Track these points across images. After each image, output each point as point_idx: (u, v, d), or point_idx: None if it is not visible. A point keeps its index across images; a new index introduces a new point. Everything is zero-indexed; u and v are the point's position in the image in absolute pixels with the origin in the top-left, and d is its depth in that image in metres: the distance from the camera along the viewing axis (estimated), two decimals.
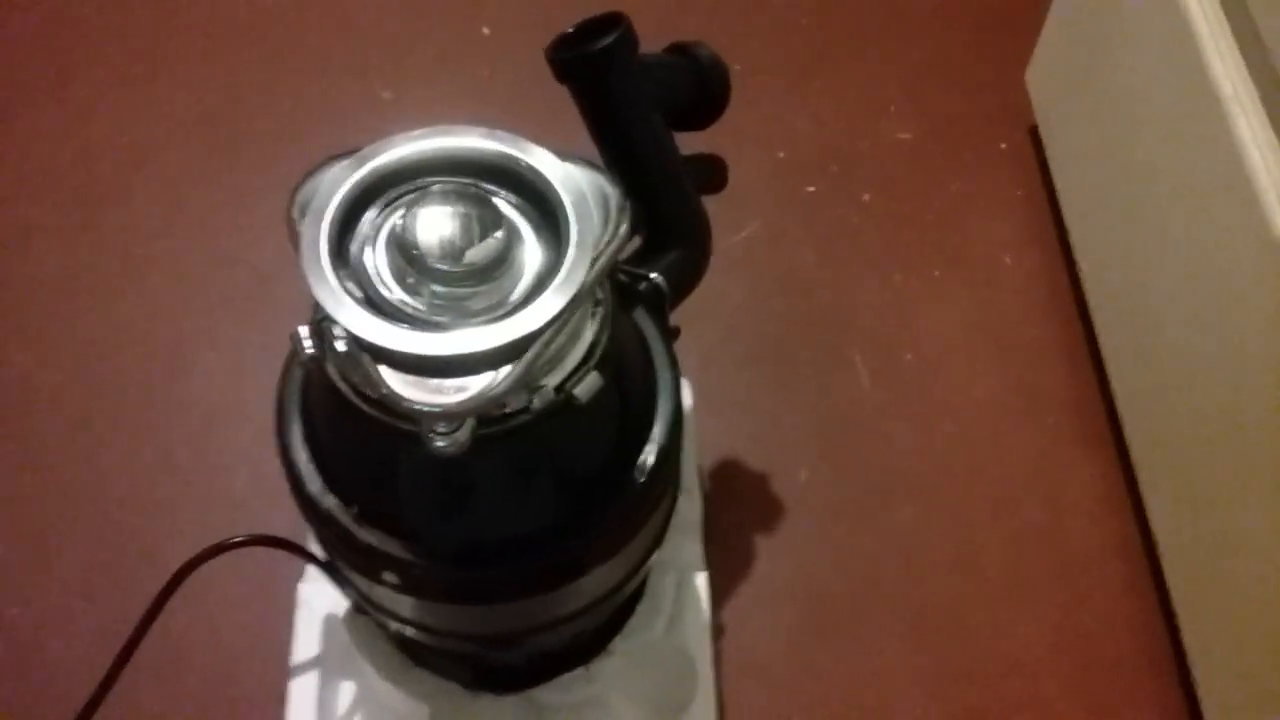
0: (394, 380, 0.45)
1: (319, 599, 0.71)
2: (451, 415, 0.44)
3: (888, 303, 0.92)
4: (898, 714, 0.75)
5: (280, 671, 0.71)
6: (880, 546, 0.81)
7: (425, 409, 0.44)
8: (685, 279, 0.65)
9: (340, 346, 0.46)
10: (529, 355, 0.44)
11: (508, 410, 0.47)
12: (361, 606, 0.66)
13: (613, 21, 0.58)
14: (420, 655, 0.69)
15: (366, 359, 0.45)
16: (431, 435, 0.44)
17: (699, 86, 0.65)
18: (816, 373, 0.89)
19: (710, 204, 0.67)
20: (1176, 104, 0.71)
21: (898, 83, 1.04)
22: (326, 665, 0.70)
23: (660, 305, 0.61)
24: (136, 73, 1.04)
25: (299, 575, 0.73)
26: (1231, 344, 0.65)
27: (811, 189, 0.98)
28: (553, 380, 0.47)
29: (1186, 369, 0.71)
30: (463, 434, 0.44)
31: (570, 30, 0.59)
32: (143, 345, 0.90)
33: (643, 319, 0.59)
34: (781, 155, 1.00)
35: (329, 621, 0.71)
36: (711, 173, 0.68)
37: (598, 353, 0.49)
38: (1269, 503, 0.62)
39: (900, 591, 0.80)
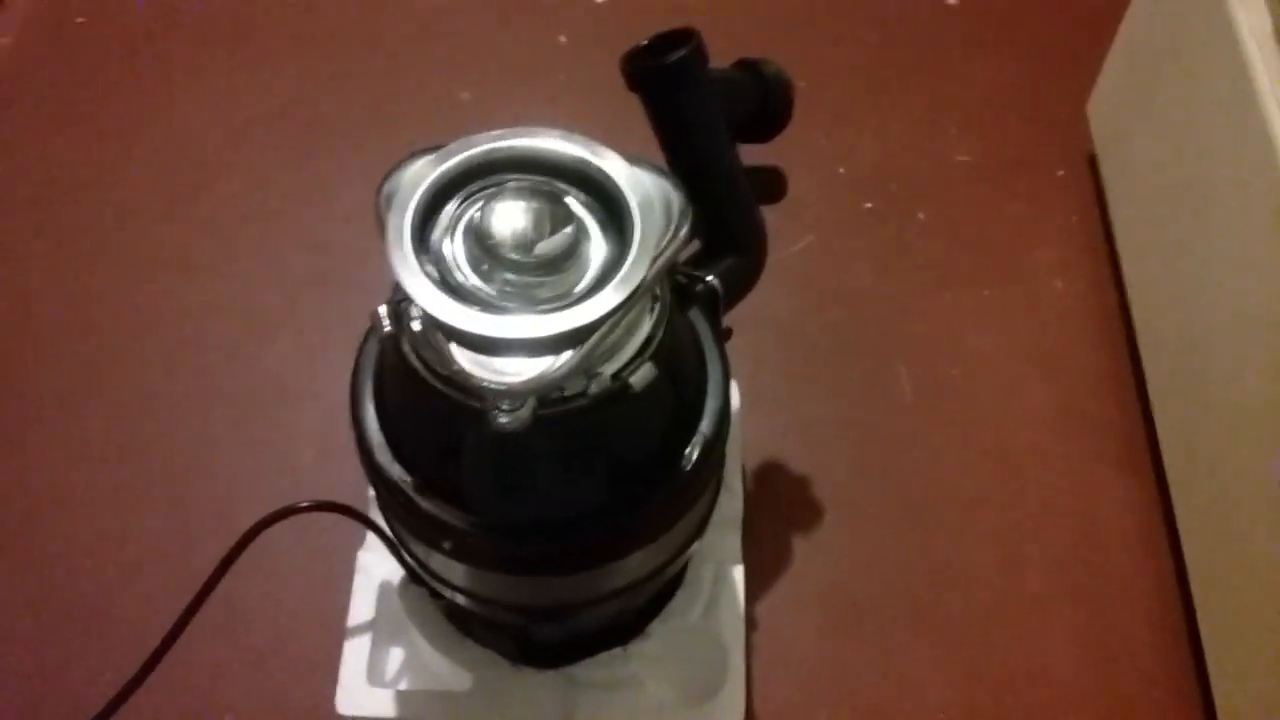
0: (463, 359, 0.48)
1: (377, 567, 0.75)
2: (515, 394, 0.47)
3: (937, 319, 0.94)
4: (920, 713, 0.77)
5: (335, 634, 0.75)
6: (914, 554, 0.83)
7: (491, 386, 0.47)
8: (740, 284, 0.67)
9: (416, 326, 0.50)
10: (588, 344, 0.47)
11: (566, 394, 0.50)
12: (417, 575, 0.69)
13: (685, 36, 0.61)
14: (468, 627, 0.73)
15: (440, 337, 0.48)
16: (496, 411, 0.47)
17: (763, 101, 0.67)
18: (863, 383, 0.91)
19: (769, 214, 0.69)
20: (1230, 142, 0.72)
21: (961, 106, 1.06)
22: (379, 630, 0.74)
23: (715, 307, 0.64)
24: (233, 64, 1.10)
25: (359, 544, 0.77)
26: (1274, 376, 0.66)
27: (869, 205, 1.00)
28: (610, 368, 0.51)
29: (1228, 401, 0.72)
30: (524, 412, 0.47)
31: (644, 43, 0.62)
32: (227, 322, 0.95)
33: (697, 319, 0.62)
34: (842, 171, 1.02)
35: (384, 589, 0.74)
36: (772, 183, 0.71)
37: (653, 346, 0.52)
38: None
39: (931, 598, 0.82)
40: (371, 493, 0.73)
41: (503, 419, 0.47)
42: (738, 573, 0.75)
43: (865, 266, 0.97)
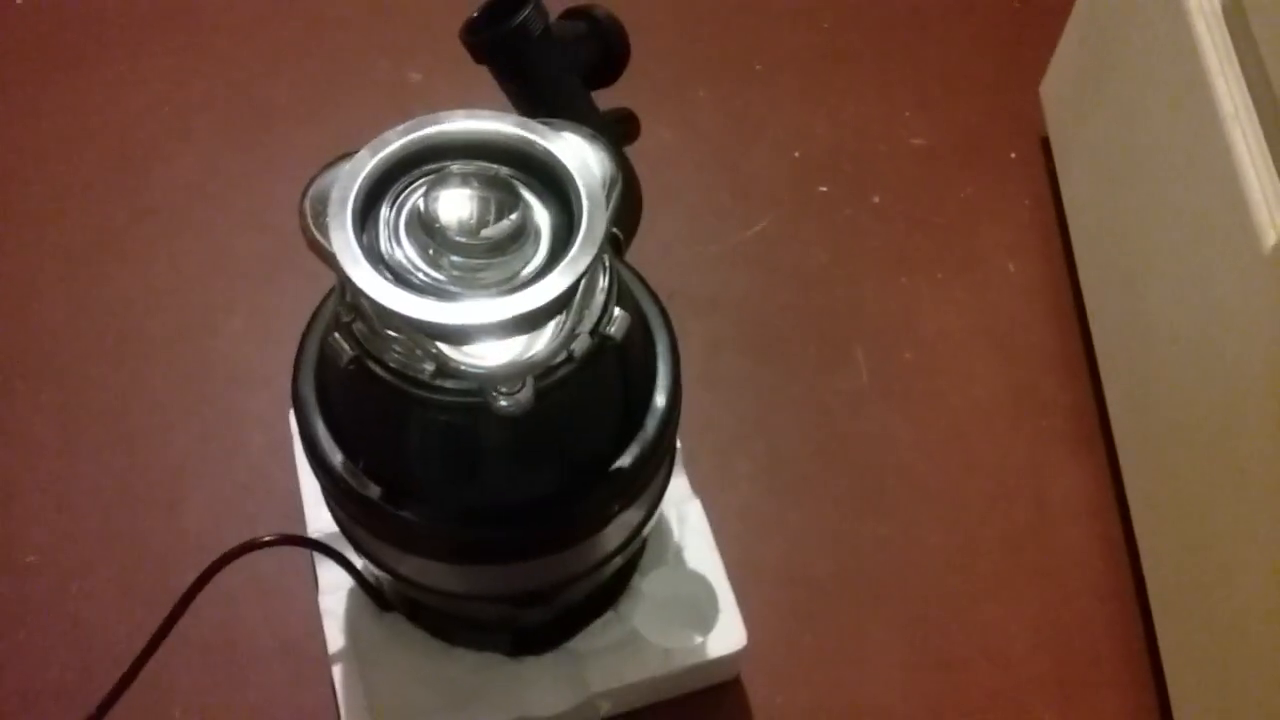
0: (448, 352, 0.47)
1: (340, 607, 0.73)
2: (513, 375, 0.46)
3: (892, 302, 0.95)
4: (876, 695, 0.78)
5: (301, 660, 0.74)
6: (870, 537, 0.84)
7: (489, 371, 0.46)
8: (627, 221, 0.67)
9: (361, 328, 0.49)
10: (574, 303, 0.47)
11: (554, 361, 0.49)
12: (388, 600, 0.69)
13: None
14: (454, 637, 0.71)
15: (423, 337, 0.47)
16: (495, 395, 0.46)
17: (602, 45, 0.67)
18: (819, 366, 0.91)
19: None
20: (1181, 122, 0.73)
21: (915, 89, 1.06)
22: (366, 665, 0.71)
23: (617, 249, 0.63)
24: (178, 45, 1.07)
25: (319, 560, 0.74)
26: (1221, 357, 0.67)
27: (824, 189, 1.00)
28: (585, 326, 0.50)
29: (1177, 380, 0.73)
30: (526, 392, 0.46)
31: (476, 13, 0.61)
32: (172, 307, 0.92)
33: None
34: (797, 154, 1.02)
35: (354, 625, 0.72)
36: (627, 125, 0.70)
37: (614, 293, 0.52)
38: (1247, 512, 0.64)
39: (887, 580, 0.82)
40: (311, 522, 0.72)
41: (503, 403, 0.46)
42: (695, 508, 0.76)
43: (820, 250, 0.97)
